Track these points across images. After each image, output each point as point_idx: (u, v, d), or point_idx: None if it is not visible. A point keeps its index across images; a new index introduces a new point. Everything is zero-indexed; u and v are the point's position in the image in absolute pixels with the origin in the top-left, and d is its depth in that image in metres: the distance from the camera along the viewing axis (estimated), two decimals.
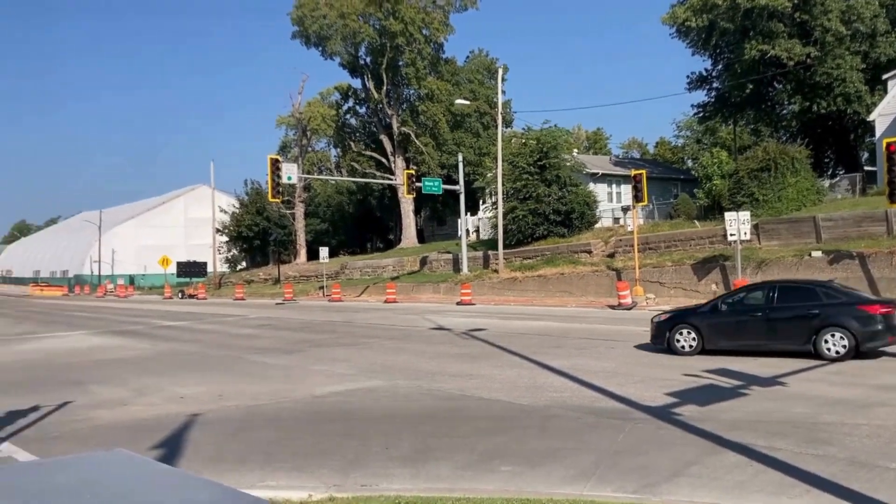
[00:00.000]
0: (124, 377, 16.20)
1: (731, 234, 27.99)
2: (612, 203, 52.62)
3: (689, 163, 77.36)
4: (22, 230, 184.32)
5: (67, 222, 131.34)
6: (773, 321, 15.67)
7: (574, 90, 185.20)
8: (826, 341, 15.09)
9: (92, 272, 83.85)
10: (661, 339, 16.89)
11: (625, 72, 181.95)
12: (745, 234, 28.07)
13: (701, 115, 53.78)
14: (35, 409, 12.55)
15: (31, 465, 2.43)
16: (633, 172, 33.88)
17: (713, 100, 51.46)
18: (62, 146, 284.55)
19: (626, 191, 48.73)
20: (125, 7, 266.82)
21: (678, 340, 16.49)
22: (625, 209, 48.44)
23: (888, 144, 23.25)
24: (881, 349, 15.49)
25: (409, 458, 8.76)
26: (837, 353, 14.95)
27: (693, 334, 16.35)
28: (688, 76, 52.02)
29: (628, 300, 29.65)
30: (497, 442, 9.40)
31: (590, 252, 38.66)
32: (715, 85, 50.88)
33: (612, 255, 37.65)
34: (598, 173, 52.43)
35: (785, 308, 15.75)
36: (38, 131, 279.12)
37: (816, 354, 15.09)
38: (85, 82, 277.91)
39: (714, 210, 39.70)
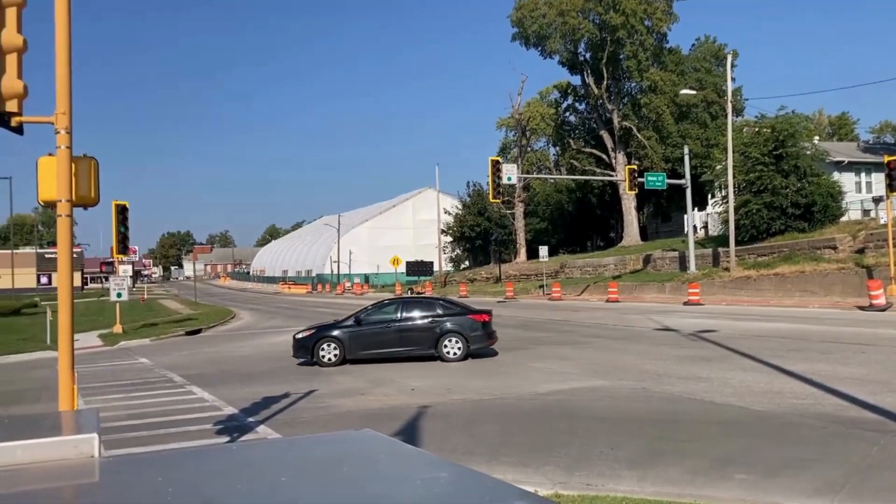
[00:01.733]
0: (361, 369, 17.41)
1: None
2: (861, 194, 47.85)
3: None
4: (273, 234, 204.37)
5: (311, 226, 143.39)
6: (404, 331, 18.26)
7: (814, 73, 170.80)
8: (446, 345, 18.00)
9: (332, 271, 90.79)
10: (305, 353, 18.39)
11: (874, 49, 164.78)
12: None
13: None
14: (286, 395, 13.86)
15: (290, 440, 2.74)
16: (886, 159, 30.57)
17: None
18: (307, 157, 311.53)
19: (878, 179, 44.09)
20: (342, 20, 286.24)
21: (322, 353, 18.15)
22: (876, 200, 43.80)
23: None
24: (484, 350, 18.50)
25: (635, 459, 8.60)
26: (454, 354, 17.91)
27: (335, 346, 18.18)
28: None
29: (882, 301, 26.79)
30: (730, 448, 8.95)
31: (834, 248, 35.44)
32: None
33: (861, 251, 34.24)
34: (843, 161, 47.94)
35: (413, 319, 18.43)
36: (282, 145, 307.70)
37: (439, 357, 17.89)
38: (317, 96, 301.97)
39: None
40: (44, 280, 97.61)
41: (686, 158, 43.84)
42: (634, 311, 31.39)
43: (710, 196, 53.39)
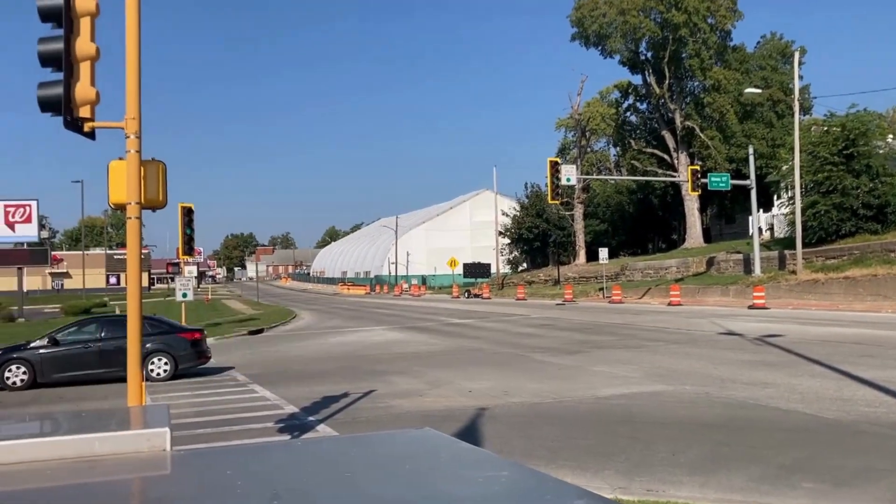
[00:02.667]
0: (419, 370, 17.52)
1: None
2: None
3: None
4: (332, 235, 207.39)
5: (369, 228, 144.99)
6: (106, 352, 17.30)
7: (888, 69, 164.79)
8: (152, 364, 17.60)
9: (389, 273, 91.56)
10: None
11: None
12: None
13: None
14: (345, 395, 14.04)
15: (353, 437, 2.80)
16: None
17: None
18: (365, 158, 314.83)
19: None
20: (407, 8, 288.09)
21: (7, 376, 17.08)
22: None
23: None
24: (194, 368, 18.43)
25: (697, 465, 8.46)
26: (161, 374, 17.67)
27: (24, 369, 17.10)
28: None
29: None
30: (797, 456, 8.74)
31: None
32: None
33: None
34: None
35: (116, 339, 16.83)
36: (340, 147, 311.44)
37: (146, 378, 16.45)
38: (373, 98, 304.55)
39: None
40: (112, 280, 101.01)
41: (751, 158, 42.85)
42: (697, 315, 30.83)
43: (775, 197, 52.03)
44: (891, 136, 49.30)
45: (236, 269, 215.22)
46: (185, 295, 30.85)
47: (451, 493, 1.73)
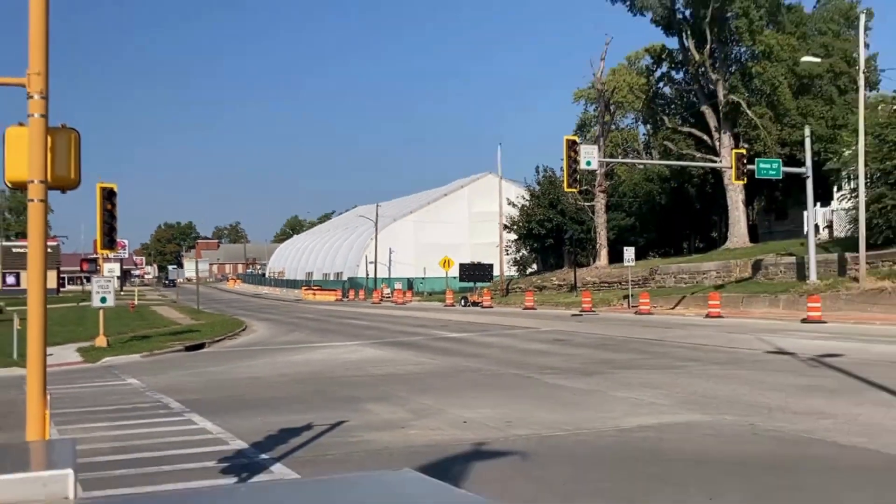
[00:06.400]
0: (402, 395, 17.29)
1: None
2: None
3: None
4: (294, 227, 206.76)
5: (342, 218, 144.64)
6: None
7: None
8: None
9: (367, 274, 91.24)
10: None
11: None
12: None
13: None
14: (308, 427, 13.77)
15: (315, 481, 2.66)
16: None
17: None
18: (333, 136, 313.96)
19: None
20: None
21: None
22: None
23: None
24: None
25: None
26: None
27: None
28: None
29: None
30: (857, 500, 8.63)
31: None
32: None
33: None
34: None
35: None
36: (308, 122, 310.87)
37: None
38: (346, 58, 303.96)
39: None
40: (10, 280, 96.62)
41: (807, 141, 42.78)
42: (741, 329, 30.80)
43: (835, 188, 52.08)
44: None
45: (171, 267, 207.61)
46: (104, 300, 30.27)
47: None
